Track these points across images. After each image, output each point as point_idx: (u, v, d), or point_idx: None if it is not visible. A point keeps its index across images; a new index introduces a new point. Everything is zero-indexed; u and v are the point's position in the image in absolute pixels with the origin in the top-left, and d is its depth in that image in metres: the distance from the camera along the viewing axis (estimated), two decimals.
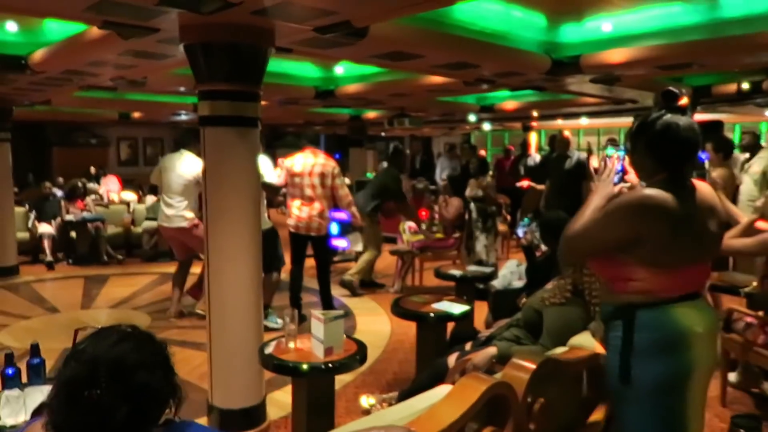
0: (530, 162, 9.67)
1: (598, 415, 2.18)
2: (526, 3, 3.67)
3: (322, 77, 6.06)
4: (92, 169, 11.07)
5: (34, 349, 2.36)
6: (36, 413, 1.42)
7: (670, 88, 1.85)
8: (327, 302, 4.88)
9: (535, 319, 2.71)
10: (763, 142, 7.15)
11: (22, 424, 1.73)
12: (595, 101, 6.94)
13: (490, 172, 6.82)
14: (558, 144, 7.63)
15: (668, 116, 1.84)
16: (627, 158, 2.07)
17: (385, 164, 7.43)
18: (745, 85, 5.32)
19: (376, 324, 4.94)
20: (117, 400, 1.14)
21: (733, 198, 4.88)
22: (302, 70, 5.81)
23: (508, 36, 3.84)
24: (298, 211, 4.90)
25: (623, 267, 1.82)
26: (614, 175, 2.03)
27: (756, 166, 4.99)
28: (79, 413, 1.14)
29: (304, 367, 2.54)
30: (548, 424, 1.88)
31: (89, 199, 8.39)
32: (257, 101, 3.05)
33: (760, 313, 3.26)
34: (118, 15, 2.78)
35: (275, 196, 6.37)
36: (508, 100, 7.73)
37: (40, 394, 2.14)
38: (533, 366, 1.91)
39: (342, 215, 4.96)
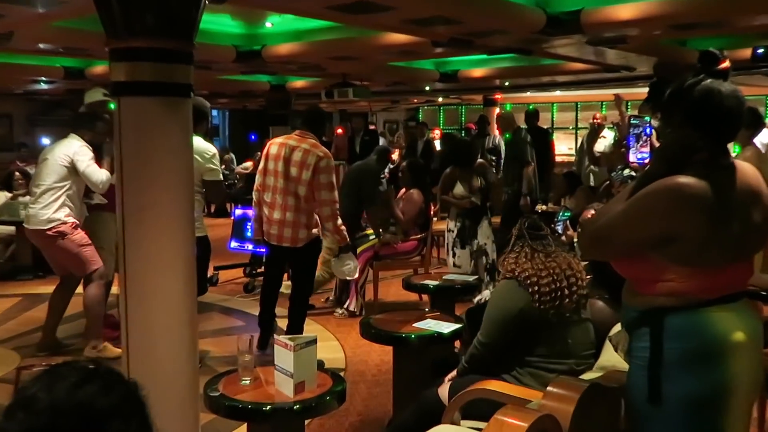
0: (489, 143, 9.93)
1: None
2: None
3: (244, 34, 5.94)
4: None
5: None
6: None
7: (711, 49, 1.95)
8: (294, 327, 4.79)
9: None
10: None
11: None
12: (582, 68, 7.21)
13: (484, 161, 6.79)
14: (503, 123, 7.91)
15: (708, 81, 1.91)
16: (654, 134, 2.16)
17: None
18: (761, 50, 5.70)
19: (326, 351, 4.92)
20: None
21: None
22: (218, 23, 5.67)
23: None
24: (268, 213, 4.71)
25: (651, 266, 1.89)
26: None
27: None
28: None
29: (267, 409, 2.51)
30: None
31: None
32: (189, 63, 2.98)
33: None
34: None
35: (219, 198, 6.20)
36: (476, 67, 7.90)
37: None
38: (576, 395, 1.98)
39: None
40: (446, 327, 3.49)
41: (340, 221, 4.68)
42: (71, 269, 4.95)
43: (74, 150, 4.84)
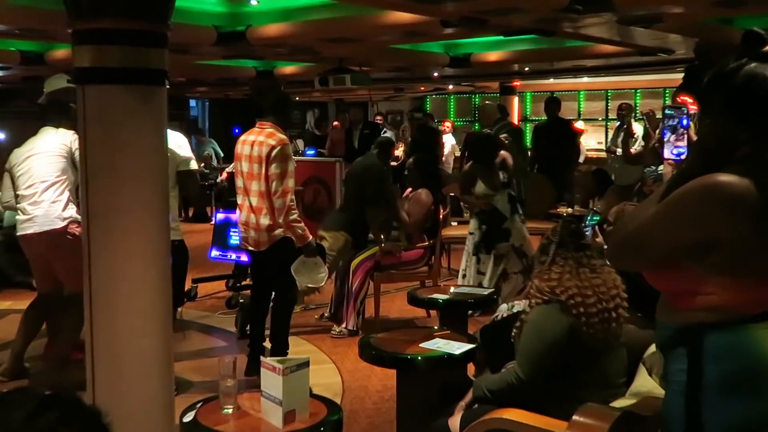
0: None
1: None
2: None
3: (226, 13, 5.96)
4: None
5: None
6: None
7: (756, 29, 1.94)
8: (278, 347, 4.82)
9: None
10: None
11: None
12: (613, 50, 7.22)
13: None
14: (482, 115, 7.91)
15: (752, 65, 1.90)
16: (692, 127, 2.16)
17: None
18: None
19: (320, 376, 4.92)
20: None
21: None
22: (197, 1, 5.70)
23: None
24: (239, 215, 4.88)
25: (688, 277, 1.89)
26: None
27: None
28: None
29: None
30: None
31: None
32: (164, 46, 3.02)
33: None
34: None
35: (195, 191, 6.25)
36: (492, 50, 7.92)
37: None
38: (606, 425, 1.99)
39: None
40: (458, 347, 3.48)
41: (295, 215, 4.70)
42: (67, 281, 4.81)
43: (71, 139, 4.76)
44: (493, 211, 6.18)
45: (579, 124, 11.79)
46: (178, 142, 4.64)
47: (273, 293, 5.02)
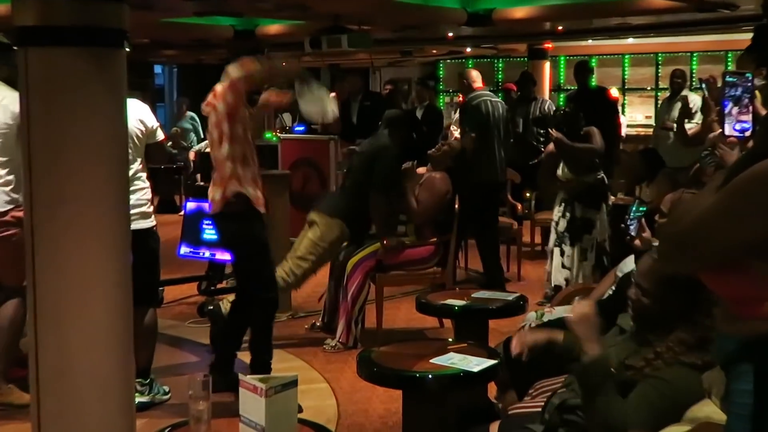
0: (536, 110, 9.93)
1: None
2: None
3: None
4: None
5: None
6: None
7: None
8: (259, 361, 4.88)
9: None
10: None
11: None
12: (665, 5, 7.20)
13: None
14: (460, 84, 7.87)
15: None
16: (759, 96, 2.15)
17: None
18: None
19: (312, 397, 4.95)
20: None
21: None
22: None
23: None
24: None
25: (754, 280, 1.90)
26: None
27: None
28: None
29: None
30: None
31: None
32: (122, 1, 3.00)
33: None
34: None
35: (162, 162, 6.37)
36: (518, 5, 7.91)
37: None
38: None
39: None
40: (476, 363, 3.49)
41: (233, 189, 4.70)
42: (4, 276, 4.88)
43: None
44: (590, 192, 6.48)
45: (613, 92, 11.71)
46: (142, 112, 4.66)
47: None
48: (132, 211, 4.20)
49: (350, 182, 6.32)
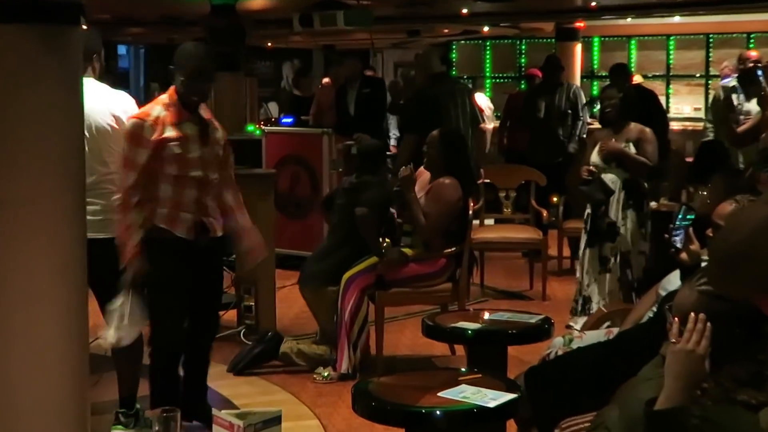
0: (562, 98, 9.97)
1: None
2: None
3: None
4: None
5: None
6: None
7: None
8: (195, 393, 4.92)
9: None
10: None
11: None
12: None
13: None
14: (416, 67, 7.85)
15: None
16: None
17: None
18: None
19: None
20: None
21: None
22: None
23: None
24: None
25: None
26: None
27: None
28: None
29: None
30: None
31: None
32: None
33: None
34: None
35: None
36: None
37: None
38: None
39: None
40: (492, 397, 3.50)
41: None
42: None
43: None
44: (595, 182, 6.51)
45: (637, 78, 11.68)
46: (118, 104, 4.63)
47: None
48: (100, 218, 4.27)
49: (337, 229, 6.44)
